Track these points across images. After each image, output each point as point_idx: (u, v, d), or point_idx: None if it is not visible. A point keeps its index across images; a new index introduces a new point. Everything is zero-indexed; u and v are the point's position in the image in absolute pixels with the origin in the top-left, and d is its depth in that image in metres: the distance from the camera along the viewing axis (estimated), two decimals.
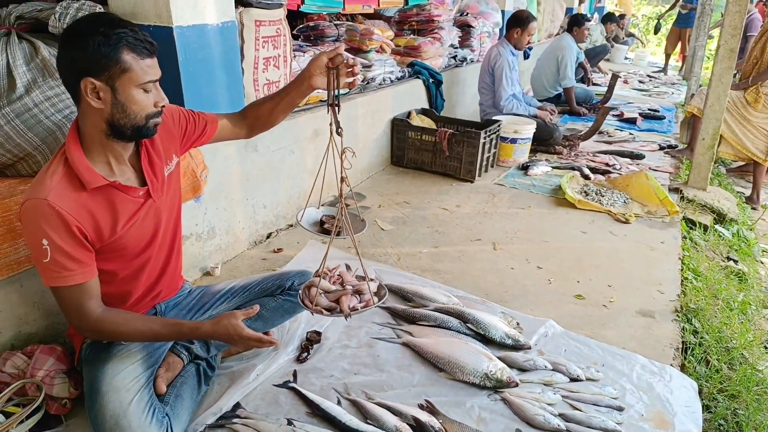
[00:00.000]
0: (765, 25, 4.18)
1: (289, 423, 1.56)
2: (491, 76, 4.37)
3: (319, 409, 1.62)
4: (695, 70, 6.86)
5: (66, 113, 1.82)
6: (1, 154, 1.79)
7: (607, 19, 9.10)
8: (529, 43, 4.50)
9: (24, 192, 1.70)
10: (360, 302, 1.65)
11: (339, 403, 1.67)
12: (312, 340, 1.96)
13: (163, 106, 1.38)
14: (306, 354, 1.89)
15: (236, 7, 2.39)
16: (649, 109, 6.14)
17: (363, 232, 1.91)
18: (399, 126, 3.89)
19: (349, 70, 1.55)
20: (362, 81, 3.62)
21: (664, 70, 10.08)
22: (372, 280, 1.75)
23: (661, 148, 4.72)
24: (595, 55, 7.99)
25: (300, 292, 1.65)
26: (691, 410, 1.73)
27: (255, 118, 1.75)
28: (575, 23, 5.62)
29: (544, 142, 4.45)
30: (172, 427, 1.45)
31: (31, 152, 1.80)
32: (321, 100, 3.17)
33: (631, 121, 5.59)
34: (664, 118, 5.88)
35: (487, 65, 4.38)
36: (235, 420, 1.58)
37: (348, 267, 2.02)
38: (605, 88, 6.18)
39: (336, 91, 1.52)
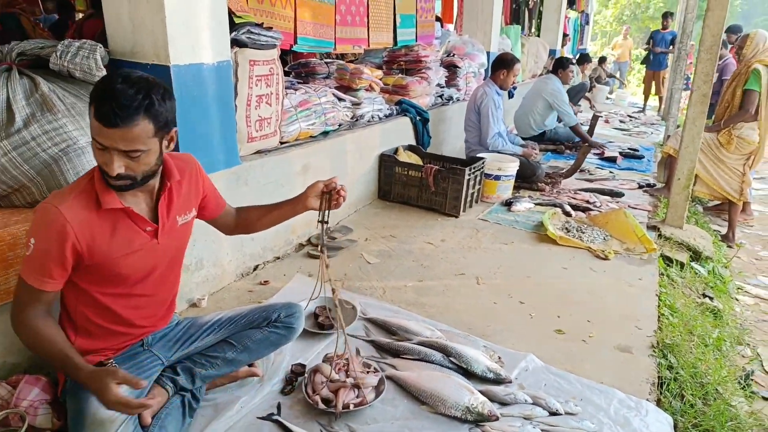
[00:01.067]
0: (735, 71, 4.40)
1: None
2: (477, 115, 4.51)
3: None
4: (672, 112, 7.12)
5: (63, 147, 1.87)
6: None
7: (583, 60, 9.47)
8: (513, 83, 4.68)
9: (16, 222, 1.75)
10: (357, 397, 1.81)
11: None
12: (296, 372, 1.98)
13: (107, 172, 1.37)
14: (290, 387, 1.91)
15: (231, 47, 2.49)
16: (629, 149, 6.34)
17: (353, 324, 2.28)
18: (386, 161, 3.99)
19: (339, 195, 1.79)
20: (351, 118, 3.72)
21: (643, 110, 10.44)
22: (375, 371, 1.94)
23: (640, 187, 4.86)
24: (575, 93, 8.25)
25: (306, 375, 1.87)
26: None
27: (242, 219, 1.93)
28: (560, 66, 5.84)
29: (527, 179, 4.57)
30: None
31: (26, 184, 1.85)
32: (311, 136, 3.27)
33: (612, 160, 5.77)
34: (644, 157, 6.07)
35: (473, 104, 4.53)
36: None
37: (358, 352, 2.11)
38: (587, 127, 6.38)
39: (327, 211, 1.80)
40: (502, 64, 4.51)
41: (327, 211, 1.79)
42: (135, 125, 1.33)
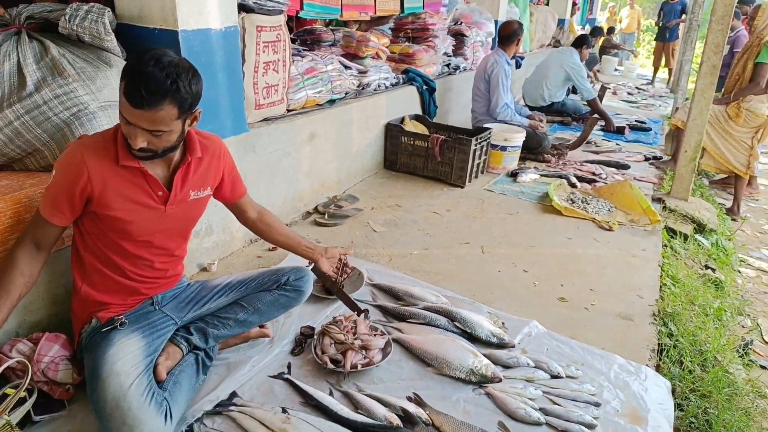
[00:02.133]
0: (747, 43, 4.33)
1: (284, 411, 1.63)
2: (487, 84, 4.46)
3: (312, 399, 1.70)
4: (681, 84, 7.04)
5: (74, 111, 1.88)
6: (10, 149, 1.85)
7: (595, 33, 9.36)
8: (517, 52, 4.63)
9: (31, 185, 1.78)
10: (364, 359, 1.86)
11: (331, 393, 1.75)
12: (306, 334, 2.04)
13: (131, 145, 1.46)
14: (300, 348, 1.97)
15: (239, 12, 2.47)
16: (636, 121, 6.30)
17: (360, 289, 2.39)
18: (392, 131, 3.98)
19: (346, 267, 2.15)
20: (358, 86, 3.71)
21: (652, 82, 10.31)
22: (382, 334, 1.99)
23: (646, 159, 4.86)
24: (586, 65, 8.15)
25: (315, 336, 1.95)
26: (663, 407, 1.83)
27: (263, 225, 2.05)
28: (584, 42, 5.79)
29: (533, 150, 4.56)
30: (170, 410, 1.51)
31: (39, 148, 1.87)
32: (317, 104, 3.26)
33: (619, 132, 5.73)
34: (651, 129, 6.04)
35: (483, 73, 4.47)
36: (231, 408, 1.65)
37: (367, 313, 2.14)
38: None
39: (342, 277, 2.13)
40: (515, 34, 4.45)
41: (343, 278, 2.14)
42: (160, 109, 1.38)
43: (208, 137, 1.76)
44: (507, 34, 4.46)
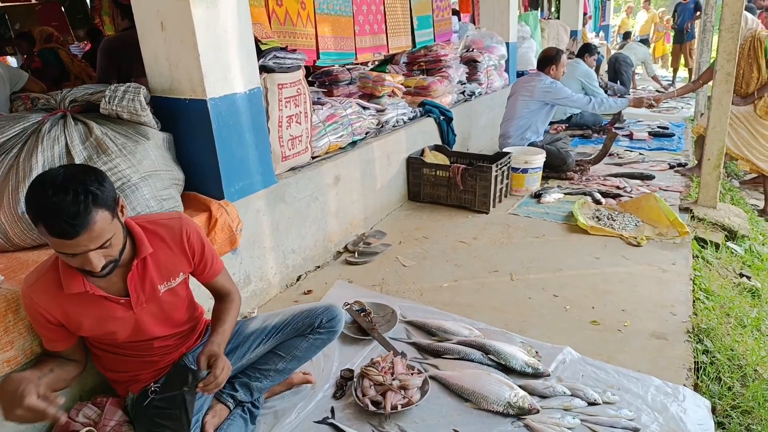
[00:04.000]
0: (744, 42, 4.23)
1: None
2: (537, 102, 4.51)
3: None
4: None
5: (119, 185, 2.05)
6: None
7: (586, 50, 9.09)
8: (563, 74, 4.73)
9: None
10: (403, 398, 1.93)
11: None
12: (346, 377, 2.12)
13: (89, 271, 1.40)
14: (341, 391, 2.06)
15: (260, 73, 2.64)
16: (658, 127, 6.26)
17: (394, 327, 2.45)
18: (414, 164, 4.09)
19: None
20: (377, 125, 3.84)
21: (672, 83, 10.21)
22: (419, 373, 2.07)
23: (671, 167, 4.83)
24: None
25: (354, 379, 2.02)
26: (703, 428, 1.84)
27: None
28: (587, 51, 5.90)
29: (557, 168, 4.60)
30: None
31: None
32: (340, 148, 3.40)
33: (642, 138, 5.70)
34: (674, 135, 5.99)
35: (527, 94, 4.52)
36: None
37: (404, 355, 2.22)
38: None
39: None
40: (548, 61, 4.58)
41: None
42: (94, 224, 1.31)
43: (162, 224, 1.67)
44: (541, 63, 4.62)
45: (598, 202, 3.93)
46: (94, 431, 1.62)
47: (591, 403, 1.96)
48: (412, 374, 2.04)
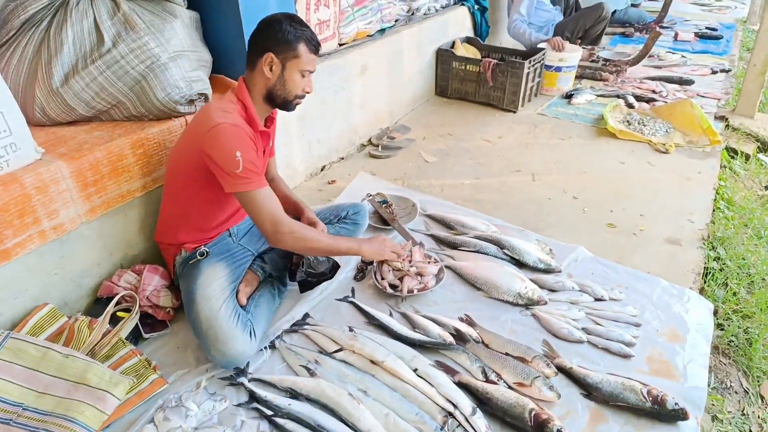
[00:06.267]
0: None
1: (350, 330, 1.87)
2: None
3: (374, 319, 1.93)
4: None
5: (148, 63, 2.04)
6: (97, 102, 2.06)
7: None
8: None
9: (119, 135, 1.99)
10: (419, 284, 2.04)
11: (391, 315, 1.97)
12: (366, 262, 2.24)
13: (308, 92, 1.80)
14: (362, 274, 2.19)
15: None
16: (706, 28, 5.86)
17: (414, 219, 2.52)
18: (443, 57, 3.96)
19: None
20: (407, 12, 3.67)
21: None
22: (436, 261, 2.15)
23: (713, 72, 4.59)
24: None
25: (374, 264, 2.12)
26: (703, 327, 1.94)
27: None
28: None
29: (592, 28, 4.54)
30: (254, 329, 1.77)
31: (122, 100, 2.06)
32: (368, 35, 3.29)
33: (687, 40, 5.37)
34: (722, 37, 5.62)
35: None
36: (305, 326, 1.91)
37: (422, 245, 2.28)
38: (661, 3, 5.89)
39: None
40: None
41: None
42: None
43: None
44: None
45: (630, 106, 3.82)
46: (135, 295, 1.77)
47: (598, 299, 2.06)
48: (429, 262, 2.14)
